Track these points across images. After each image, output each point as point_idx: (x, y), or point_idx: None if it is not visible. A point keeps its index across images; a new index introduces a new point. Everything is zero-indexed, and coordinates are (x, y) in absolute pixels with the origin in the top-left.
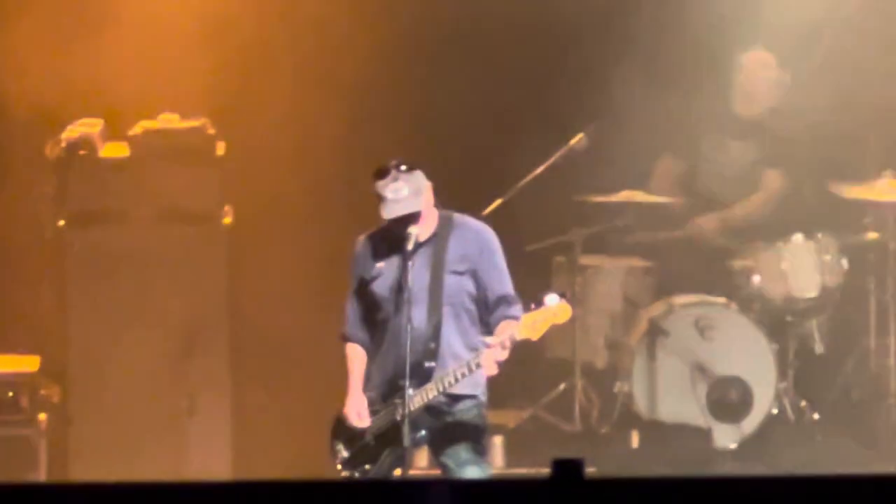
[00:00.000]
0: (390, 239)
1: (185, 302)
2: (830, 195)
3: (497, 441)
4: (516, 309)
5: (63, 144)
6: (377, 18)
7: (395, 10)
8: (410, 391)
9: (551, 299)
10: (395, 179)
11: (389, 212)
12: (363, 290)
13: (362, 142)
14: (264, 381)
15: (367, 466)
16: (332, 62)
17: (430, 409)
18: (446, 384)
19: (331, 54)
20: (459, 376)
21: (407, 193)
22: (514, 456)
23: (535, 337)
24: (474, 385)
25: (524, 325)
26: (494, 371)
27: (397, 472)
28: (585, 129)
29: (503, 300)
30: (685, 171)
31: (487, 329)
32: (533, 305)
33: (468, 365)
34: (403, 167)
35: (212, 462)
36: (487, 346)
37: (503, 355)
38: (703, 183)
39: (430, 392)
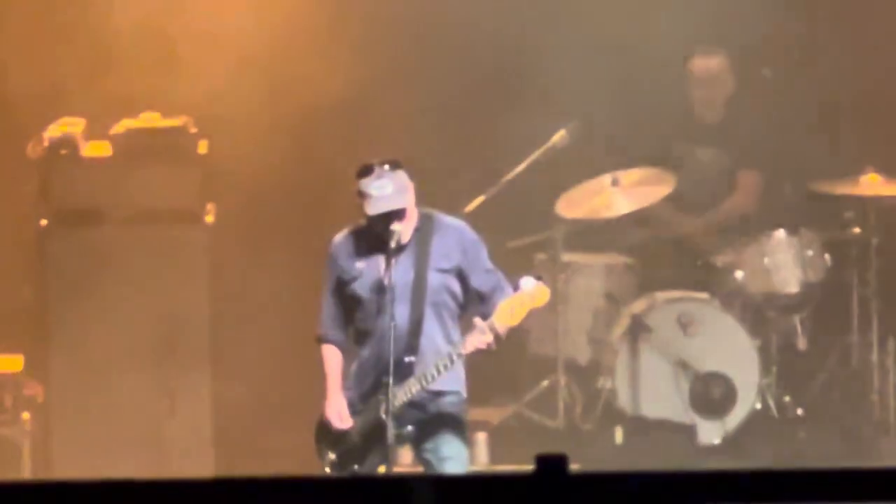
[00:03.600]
0: (371, 237)
1: (166, 301)
2: (812, 191)
3: (481, 437)
4: (510, 291)
5: (45, 143)
6: (358, 19)
7: (374, 13)
8: (393, 388)
9: (527, 283)
10: (380, 177)
11: (374, 208)
12: (341, 290)
13: (344, 141)
14: (245, 381)
15: (355, 467)
16: (313, 62)
17: (413, 405)
18: (429, 378)
19: (313, 54)
20: (442, 368)
21: (392, 190)
22: (497, 452)
23: (514, 322)
24: (455, 381)
25: (502, 312)
26: (486, 345)
27: (381, 468)
28: (567, 126)
29: (495, 294)
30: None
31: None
32: (509, 290)
33: (449, 356)
34: (387, 166)
35: (193, 460)
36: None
37: (490, 337)
38: (678, 189)
39: (412, 387)
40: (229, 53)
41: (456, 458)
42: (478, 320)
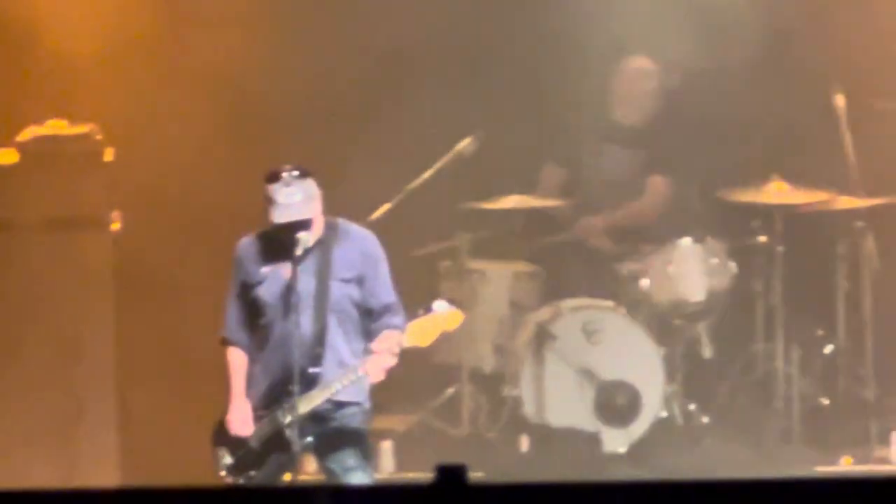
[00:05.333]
0: (277, 243)
1: (72, 307)
2: (718, 199)
3: (386, 446)
4: (399, 318)
5: None
6: (265, 28)
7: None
8: (297, 397)
9: (440, 306)
10: (288, 185)
11: (280, 216)
12: (245, 294)
13: (251, 148)
14: (151, 385)
15: (252, 472)
16: (222, 68)
17: (314, 416)
18: (333, 391)
19: (221, 60)
20: (346, 383)
21: (300, 199)
22: (403, 460)
23: (424, 344)
24: (358, 392)
25: (413, 332)
26: (381, 377)
27: (287, 477)
28: (472, 134)
29: (387, 309)
30: (568, 178)
31: (370, 337)
32: (421, 312)
33: (355, 371)
34: (297, 172)
35: (100, 466)
36: (373, 352)
37: (392, 361)
38: (585, 189)
39: (315, 399)
40: (135, 62)
41: (359, 468)
42: (379, 345)
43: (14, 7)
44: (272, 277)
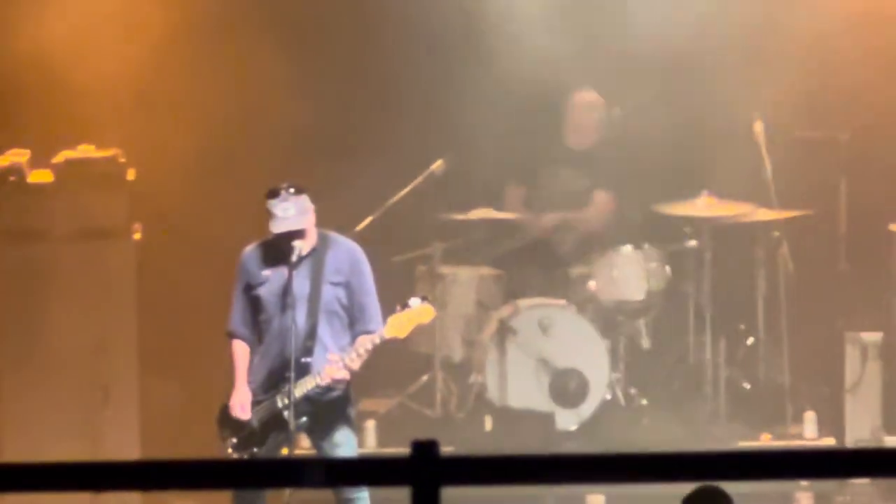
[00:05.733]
0: (276, 250)
1: (100, 306)
2: (655, 212)
3: (370, 425)
4: (375, 323)
5: None
6: (263, 60)
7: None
8: (292, 383)
9: (414, 302)
10: (285, 200)
11: (277, 227)
12: (248, 293)
13: (254, 168)
14: (168, 375)
15: (255, 449)
16: (230, 102)
17: (307, 399)
18: (320, 380)
19: (230, 95)
20: (313, 385)
21: (294, 213)
22: (384, 437)
23: (402, 335)
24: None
25: (391, 325)
26: (347, 376)
27: (284, 451)
28: (444, 156)
29: (366, 314)
30: (527, 195)
31: (353, 333)
32: (399, 307)
33: (342, 360)
34: (292, 190)
35: (123, 445)
36: (343, 358)
37: (344, 374)
38: (541, 204)
39: (307, 384)
40: (154, 95)
41: (346, 444)
42: (332, 355)
43: (49, 46)
44: (272, 280)
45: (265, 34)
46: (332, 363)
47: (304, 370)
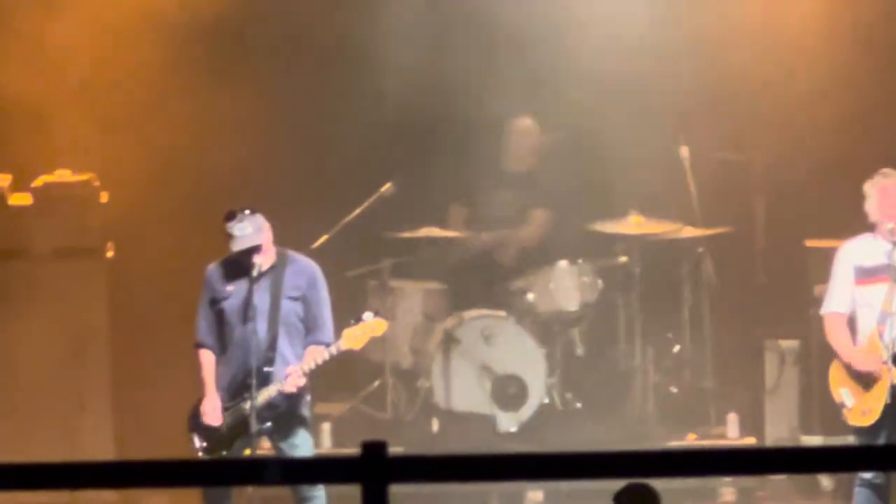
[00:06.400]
0: (237, 267)
1: (76, 319)
2: (588, 230)
3: (326, 427)
4: (327, 334)
5: None
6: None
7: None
8: (255, 391)
9: (368, 316)
10: (241, 220)
11: (237, 245)
12: (213, 307)
13: (217, 191)
14: (140, 383)
15: (223, 452)
16: (189, 131)
17: (268, 405)
18: (281, 387)
19: (188, 125)
20: (275, 390)
21: (251, 230)
22: (339, 439)
23: (357, 347)
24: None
25: (347, 338)
26: (295, 388)
27: (247, 452)
28: (393, 180)
29: (320, 325)
30: (469, 214)
31: (307, 344)
32: (353, 321)
33: (279, 385)
34: (247, 211)
35: (98, 450)
36: (286, 375)
37: (302, 381)
38: (482, 223)
39: (270, 392)
40: (127, 127)
41: (303, 445)
42: (292, 368)
43: (29, 86)
44: (234, 294)
45: (225, 72)
46: (293, 374)
47: (265, 379)
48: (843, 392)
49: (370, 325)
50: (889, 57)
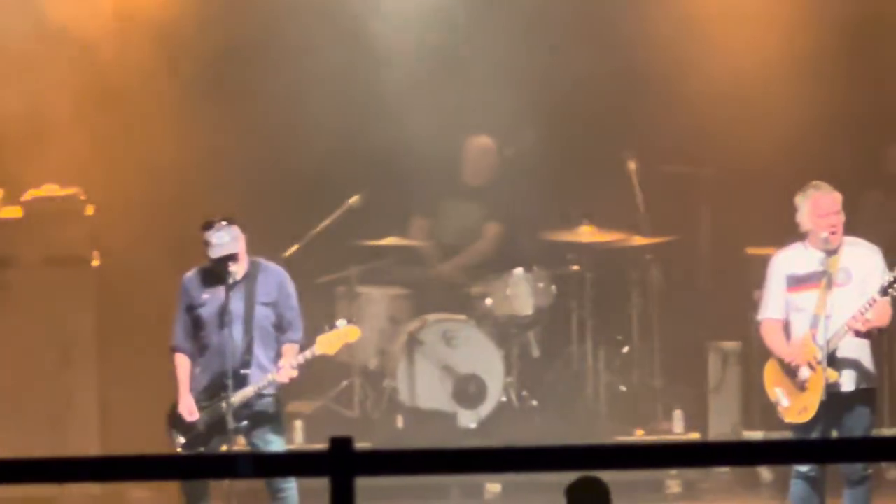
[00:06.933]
0: (213, 275)
1: (64, 324)
2: (542, 239)
3: (297, 424)
4: (297, 334)
5: None
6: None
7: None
8: (232, 391)
9: (341, 323)
10: (219, 230)
11: (214, 253)
12: (190, 313)
13: (196, 202)
14: (124, 384)
15: (201, 449)
16: (172, 144)
17: (245, 405)
18: (258, 388)
19: (169, 139)
20: (265, 384)
21: (228, 240)
22: (310, 435)
23: (331, 352)
24: (273, 385)
25: (321, 343)
26: (287, 380)
27: (223, 448)
28: (360, 192)
29: (290, 325)
30: (430, 225)
31: (279, 347)
32: (327, 328)
33: (273, 376)
34: (224, 221)
35: (84, 447)
36: (278, 368)
37: (295, 373)
38: (442, 233)
39: (247, 393)
40: (113, 145)
41: (276, 442)
42: (283, 362)
43: (19, 104)
44: (210, 301)
45: (208, 93)
46: (285, 367)
47: (242, 381)
48: (778, 391)
49: (343, 332)
50: (831, 75)
